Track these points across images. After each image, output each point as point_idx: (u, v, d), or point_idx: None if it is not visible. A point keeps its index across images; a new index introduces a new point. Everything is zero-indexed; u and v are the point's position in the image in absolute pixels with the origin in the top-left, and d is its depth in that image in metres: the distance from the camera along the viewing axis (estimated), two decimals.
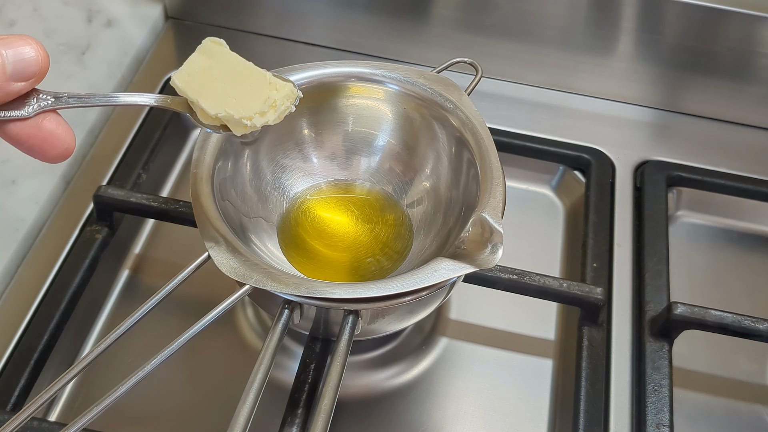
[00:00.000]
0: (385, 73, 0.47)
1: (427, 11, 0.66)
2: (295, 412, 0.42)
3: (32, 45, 0.32)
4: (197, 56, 0.37)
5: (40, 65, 0.32)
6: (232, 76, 0.37)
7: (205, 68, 0.36)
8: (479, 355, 0.50)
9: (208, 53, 0.37)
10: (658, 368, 0.48)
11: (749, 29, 0.61)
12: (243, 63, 0.37)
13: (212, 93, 0.36)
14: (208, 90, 0.36)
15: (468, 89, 0.48)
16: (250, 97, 0.37)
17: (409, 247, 0.46)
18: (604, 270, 0.52)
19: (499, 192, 0.40)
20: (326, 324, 0.42)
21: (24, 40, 0.32)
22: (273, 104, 0.37)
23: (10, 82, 0.31)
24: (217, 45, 0.37)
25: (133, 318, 0.36)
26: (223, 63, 0.37)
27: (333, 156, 0.49)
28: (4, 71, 0.31)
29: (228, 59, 0.37)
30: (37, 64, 0.32)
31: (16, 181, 0.55)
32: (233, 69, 0.37)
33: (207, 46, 0.37)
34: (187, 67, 0.36)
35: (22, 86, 0.32)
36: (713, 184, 0.59)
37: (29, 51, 0.31)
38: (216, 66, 0.37)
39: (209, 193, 0.40)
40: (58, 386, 0.34)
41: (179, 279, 0.37)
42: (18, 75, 0.31)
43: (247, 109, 0.36)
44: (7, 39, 0.31)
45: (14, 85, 0.31)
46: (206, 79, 0.36)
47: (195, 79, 0.36)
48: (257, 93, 0.37)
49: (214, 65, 0.37)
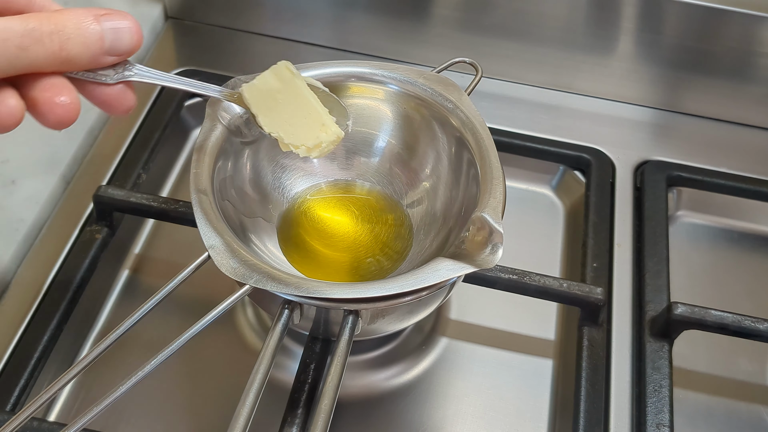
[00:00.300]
0: (385, 73, 0.47)
1: (427, 11, 0.66)
2: (295, 412, 0.42)
3: (131, 23, 0.35)
4: (269, 75, 0.40)
5: (135, 44, 0.35)
6: (293, 105, 0.40)
7: (272, 89, 0.40)
8: (479, 355, 0.50)
9: (279, 75, 0.40)
10: (658, 368, 0.48)
11: (749, 29, 0.61)
12: (305, 96, 0.41)
13: (271, 113, 0.40)
14: (268, 109, 0.40)
15: (468, 89, 0.48)
16: (303, 130, 0.40)
17: (409, 247, 0.46)
18: (604, 270, 0.52)
19: (499, 192, 0.40)
20: (326, 324, 0.42)
21: (124, 17, 0.35)
22: (319, 144, 0.41)
23: (105, 56, 0.34)
24: (288, 71, 0.41)
25: (133, 318, 0.36)
26: (288, 90, 0.40)
27: (333, 156, 0.49)
28: (102, 46, 0.34)
29: (294, 88, 0.40)
30: (131, 43, 0.35)
31: (16, 181, 0.55)
32: (296, 99, 0.40)
33: (280, 68, 0.41)
34: (258, 82, 0.40)
35: (114, 59, 0.35)
36: (713, 184, 0.59)
37: (127, 29, 0.34)
38: (282, 90, 0.40)
39: (209, 193, 0.40)
40: (58, 386, 0.34)
41: (179, 279, 0.37)
42: (113, 50, 0.34)
43: (297, 138, 0.40)
44: (110, 14, 0.34)
45: (108, 58, 0.34)
46: (270, 99, 0.40)
47: (261, 95, 0.40)
48: (310, 129, 0.40)
49: (281, 89, 0.40)
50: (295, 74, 0.41)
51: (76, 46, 0.33)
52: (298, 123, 0.40)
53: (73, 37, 0.33)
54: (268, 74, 0.41)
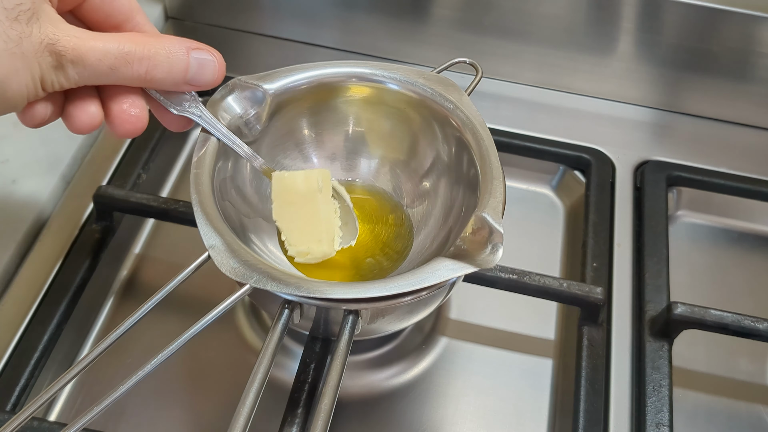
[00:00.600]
0: (386, 74, 0.47)
1: (427, 11, 0.66)
2: (295, 412, 0.42)
3: (216, 59, 0.37)
4: (300, 177, 0.43)
5: (216, 78, 0.37)
6: (304, 211, 0.43)
7: (295, 189, 0.43)
8: (479, 355, 0.50)
9: (308, 181, 0.43)
10: (658, 368, 0.48)
11: (749, 29, 0.61)
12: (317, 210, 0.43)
13: (284, 206, 0.43)
14: (283, 201, 0.43)
15: (468, 89, 0.48)
16: (300, 235, 0.43)
17: (409, 247, 0.46)
18: (604, 270, 0.52)
19: (499, 192, 0.40)
20: (326, 324, 0.42)
21: (211, 52, 0.37)
22: (306, 253, 0.43)
23: (185, 85, 0.37)
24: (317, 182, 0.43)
25: (133, 318, 0.36)
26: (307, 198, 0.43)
27: (333, 156, 0.49)
28: (185, 76, 0.36)
29: (312, 198, 0.43)
30: (213, 77, 0.37)
31: (16, 181, 0.55)
32: (308, 208, 0.43)
33: (313, 175, 0.43)
34: (288, 177, 0.43)
35: (192, 89, 0.37)
36: (713, 184, 0.59)
37: (212, 63, 0.37)
38: (303, 196, 0.43)
39: (209, 193, 0.40)
40: (58, 386, 0.34)
41: (179, 279, 0.37)
42: (194, 81, 0.37)
43: (292, 238, 0.43)
44: (200, 48, 0.37)
45: (187, 86, 0.37)
46: (289, 195, 0.43)
47: (284, 189, 0.43)
48: (306, 238, 0.43)
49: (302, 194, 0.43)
50: (322, 188, 0.43)
51: (161, 73, 0.35)
52: (300, 227, 0.43)
53: (161, 65, 0.35)
54: (300, 175, 0.43)
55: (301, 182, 0.43)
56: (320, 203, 0.43)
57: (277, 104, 0.45)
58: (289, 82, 0.46)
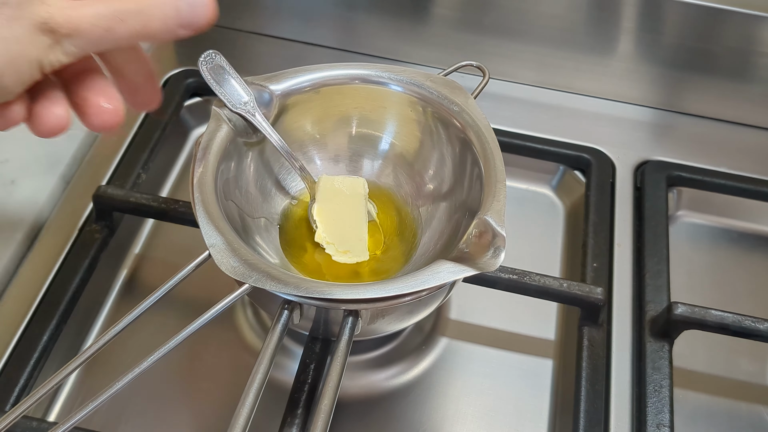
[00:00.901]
0: (392, 76, 0.47)
1: (427, 11, 0.66)
2: (295, 413, 0.42)
3: None
4: (348, 180, 0.46)
5: (209, 18, 0.36)
6: (349, 211, 0.45)
7: (342, 191, 0.45)
8: (479, 355, 0.50)
9: (354, 187, 0.46)
10: (658, 368, 0.47)
11: (749, 29, 0.61)
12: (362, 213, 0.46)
13: (327, 205, 0.45)
14: (327, 200, 0.45)
15: (474, 92, 0.48)
16: (342, 234, 0.45)
17: (414, 248, 0.46)
18: (604, 270, 0.52)
19: (502, 195, 0.40)
20: (326, 324, 0.42)
21: None
22: (346, 251, 0.45)
23: (180, 29, 0.35)
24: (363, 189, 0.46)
25: (134, 314, 0.36)
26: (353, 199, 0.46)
27: (337, 158, 0.49)
28: (178, 21, 0.35)
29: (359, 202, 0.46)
30: (205, 18, 0.35)
31: (16, 181, 0.55)
32: (354, 209, 0.46)
33: (359, 182, 0.46)
34: (337, 180, 0.46)
35: (187, 33, 0.35)
36: (713, 184, 0.59)
37: (201, 4, 0.35)
38: (349, 197, 0.45)
39: (212, 192, 0.40)
40: (57, 380, 0.34)
41: (180, 276, 0.37)
42: (188, 25, 0.35)
43: (333, 236, 0.45)
44: None
45: (182, 31, 0.35)
46: (335, 196, 0.45)
47: (331, 189, 0.45)
48: (349, 237, 0.45)
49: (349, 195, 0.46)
50: (365, 195, 0.46)
51: (157, 23, 0.34)
52: (343, 226, 0.45)
53: (155, 15, 0.34)
54: (348, 180, 0.46)
55: (349, 186, 0.46)
56: (365, 207, 0.46)
57: (282, 105, 0.45)
58: (296, 83, 0.46)
